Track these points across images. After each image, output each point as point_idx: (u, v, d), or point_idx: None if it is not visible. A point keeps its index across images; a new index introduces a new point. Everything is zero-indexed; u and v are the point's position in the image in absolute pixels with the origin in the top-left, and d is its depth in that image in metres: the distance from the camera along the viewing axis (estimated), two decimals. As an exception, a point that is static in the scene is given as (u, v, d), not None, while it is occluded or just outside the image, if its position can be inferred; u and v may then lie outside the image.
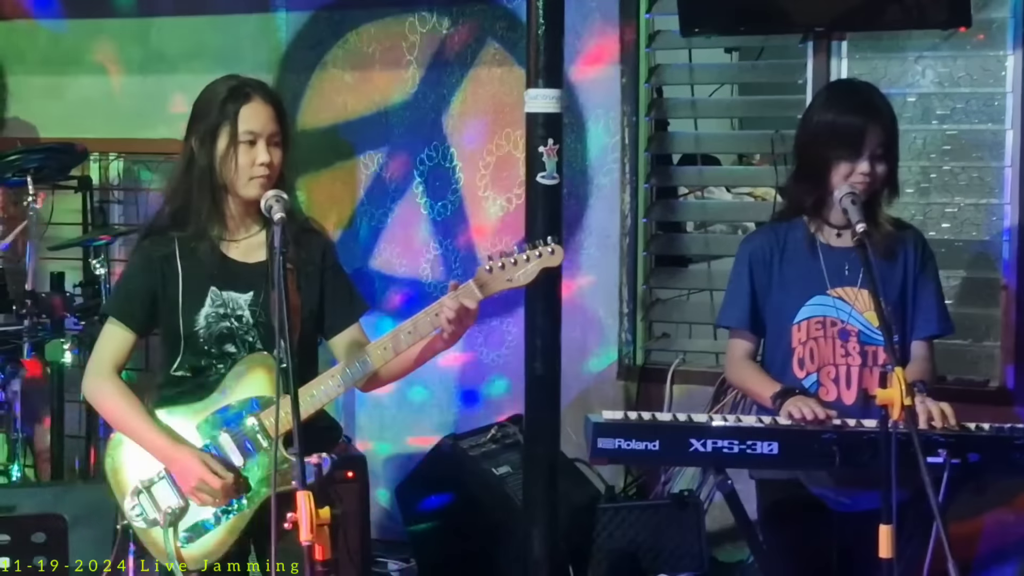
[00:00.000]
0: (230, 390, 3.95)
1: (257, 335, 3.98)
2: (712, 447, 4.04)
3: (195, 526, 3.94)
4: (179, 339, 3.97)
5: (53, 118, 7.28)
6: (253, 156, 3.90)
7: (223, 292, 3.97)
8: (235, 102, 3.92)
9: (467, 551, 5.70)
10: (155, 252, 3.99)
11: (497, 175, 6.45)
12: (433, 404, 6.62)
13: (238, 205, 3.98)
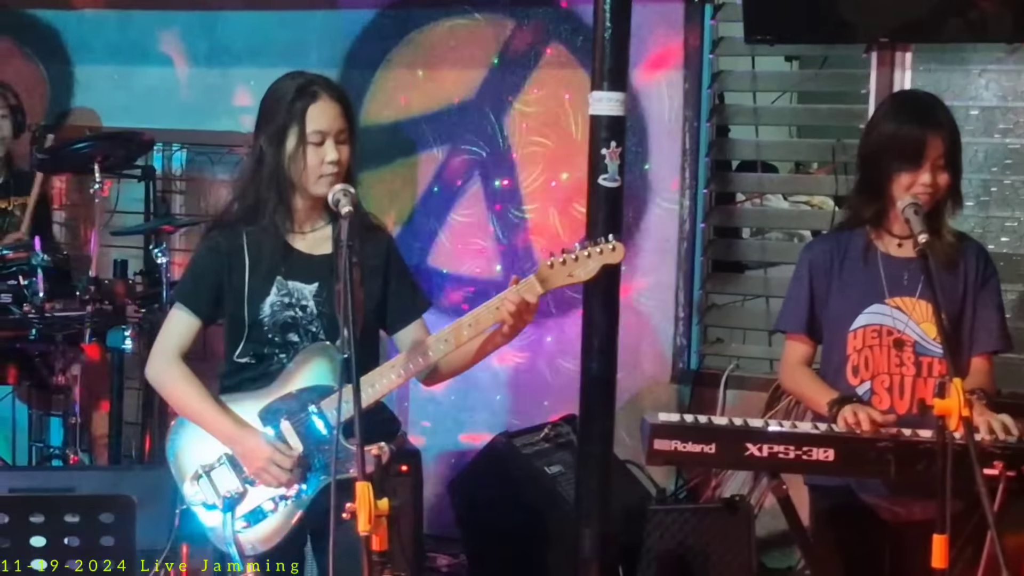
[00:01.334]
0: (292, 379, 4.00)
1: (320, 325, 4.02)
2: (768, 452, 4.05)
3: (253, 512, 3.99)
4: (243, 327, 4.03)
5: (118, 107, 7.34)
6: (322, 155, 3.95)
7: (288, 282, 4.03)
8: (302, 101, 3.96)
9: (517, 549, 5.72)
10: (222, 243, 4.05)
11: (557, 175, 6.47)
12: (485, 401, 6.65)
13: (306, 200, 4.03)
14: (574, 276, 3.92)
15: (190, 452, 4.05)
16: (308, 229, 4.08)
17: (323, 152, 3.95)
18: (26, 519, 3.10)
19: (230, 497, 3.98)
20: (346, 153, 3.99)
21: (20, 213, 6.53)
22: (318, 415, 3.97)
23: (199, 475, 4.02)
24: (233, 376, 4.08)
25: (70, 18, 7.46)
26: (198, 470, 4.02)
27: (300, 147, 3.94)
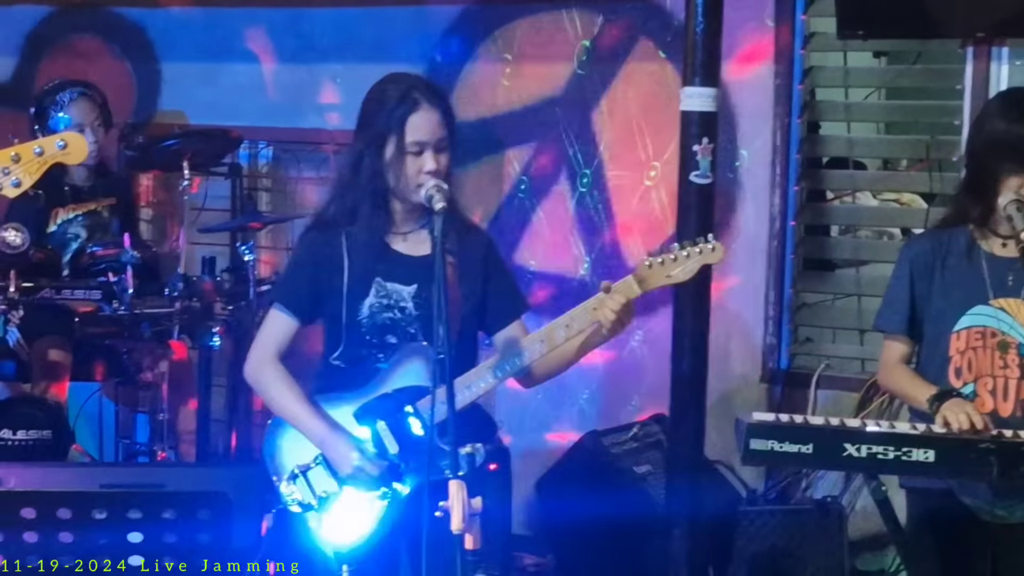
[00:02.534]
0: (388, 379, 3.99)
1: (419, 327, 4.01)
2: (867, 452, 4.00)
3: (349, 512, 3.98)
4: (341, 328, 4.01)
5: (204, 105, 7.35)
6: (420, 165, 3.92)
7: (387, 283, 4.01)
8: (402, 109, 3.93)
9: (606, 549, 5.68)
10: (321, 244, 4.05)
11: (645, 173, 6.42)
12: (572, 400, 6.60)
13: (404, 204, 4.01)
14: (672, 277, 3.88)
15: (286, 452, 4.06)
16: (407, 230, 4.06)
17: (421, 162, 3.92)
18: (124, 515, 3.09)
19: (326, 497, 3.98)
20: (444, 161, 3.96)
21: (108, 214, 6.55)
22: (414, 416, 3.95)
23: (295, 475, 4.01)
24: (330, 376, 4.08)
25: (157, 16, 7.49)
26: (294, 470, 4.01)
27: (398, 157, 3.92)
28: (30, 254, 5.71)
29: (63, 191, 6.36)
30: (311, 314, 4.08)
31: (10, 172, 3.78)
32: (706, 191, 5.11)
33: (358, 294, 4.01)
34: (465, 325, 4.03)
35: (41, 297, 5.83)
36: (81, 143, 3.87)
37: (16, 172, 3.79)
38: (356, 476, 3.93)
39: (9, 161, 3.77)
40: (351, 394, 4.02)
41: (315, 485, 4.01)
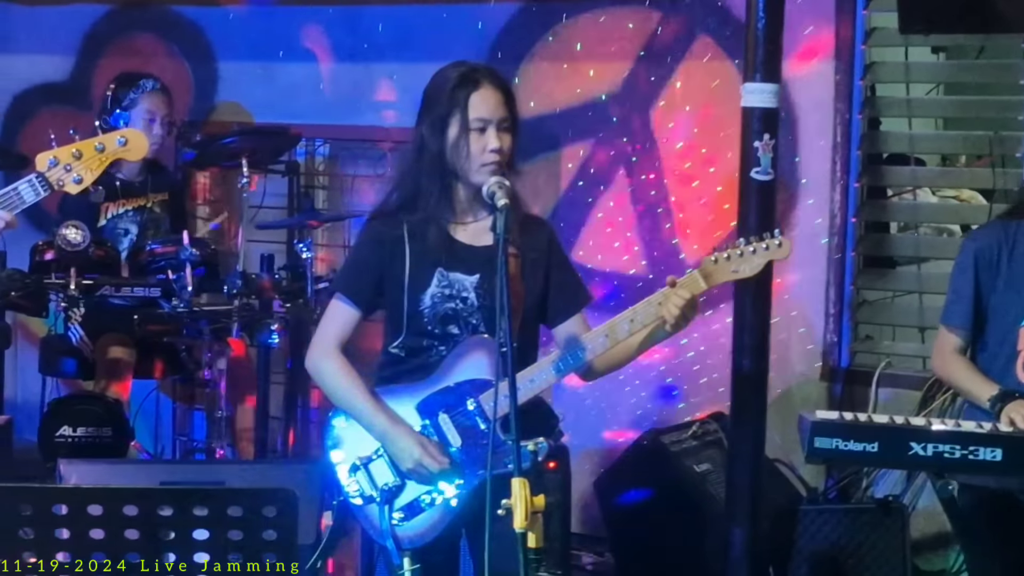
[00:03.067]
0: (450, 371, 3.98)
1: (480, 318, 3.99)
2: (933, 451, 3.98)
3: (411, 505, 3.97)
4: (403, 318, 4.00)
5: (261, 103, 7.36)
6: (484, 143, 3.92)
7: (450, 273, 4.00)
8: (465, 89, 3.94)
9: (665, 548, 5.65)
10: (383, 233, 4.03)
11: (704, 170, 6.39)
12: (630, 398, 6.57)
13: (467, 190, 3.99)
14: (739, 272, 3.87)
15: (348, 444, 4.05)
16: (470, 219, 4.05)
17: (485, 140, 3.92)
18: (190, 512, 3.09)
19: (387, 489, 3.97)
20: (508, 141, 3.96)
21: (160, 210, 6.58)
22: (477, 409, 3.94)
23: (357, 467, 4.01)
24: (391, 367, 4.07)
25: (214, 15, 7.51)
26: (356, 462, 4.01)
27: (462, 135, 3.91)
28: (90, 252, 5.73)
29: (114, 186, 6.39)
30: (372, 304, 4.08)
31: (72, 169, 3.85)
32: (767, 188, 5.08)
33: (420, 284, 4.00)
34: (527, 318, 4.02)
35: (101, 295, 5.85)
36: (142, 140, 3.97)
37: (78, 169, 3.86)
38: (417, 469, 3.92)
39: (71, 158, 3.85)
40: (413, 386, 4.01)
41: (376, 477, 4.00)
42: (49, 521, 3.05)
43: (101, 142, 3.91)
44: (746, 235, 3.95)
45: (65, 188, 3.88)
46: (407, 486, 3.97)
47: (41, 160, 3.88)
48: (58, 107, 7.64)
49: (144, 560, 3.12)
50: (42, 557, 3.10)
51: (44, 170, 3.86)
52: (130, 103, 6.36)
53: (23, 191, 3.88)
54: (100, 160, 3.90)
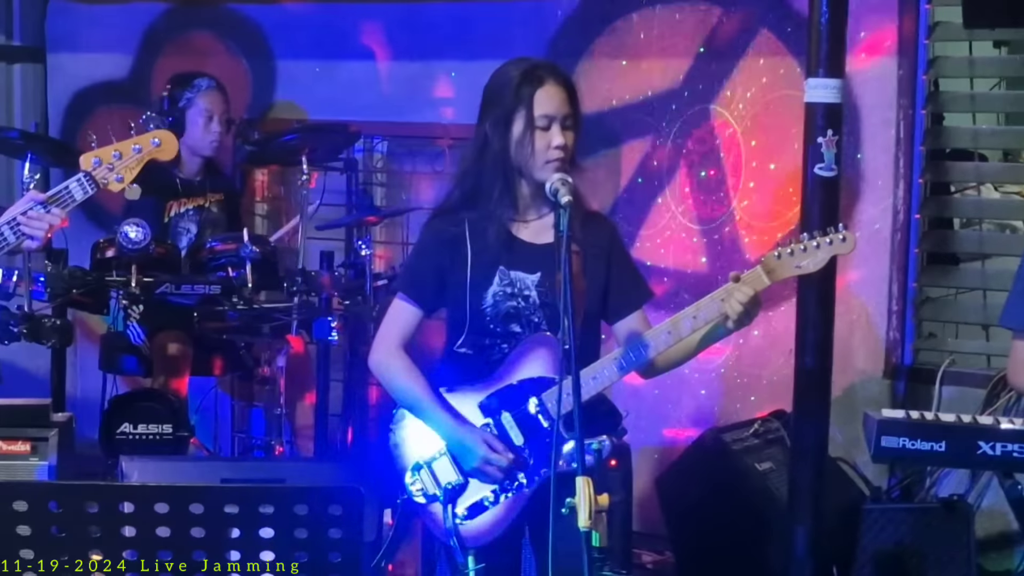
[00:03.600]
0: (513, 369, 3.97)
1: (543, 316, 3.98)
2: (1002, 450, 3.93)
3: (474, 504, 3.96)
4: (465, 317, 4.00)
5: (320, 101, 7.37)
6: (548, 139, 3.91)
7: (511, 272, 3.99)
8: (529, 86, 3.93)
9: (726, 547, 5.61)
10: (445, 232, 4.03)
11: (766, 166, 6.34)
12: (690, 396, 6.53)
13: (530, 187, 3.99)
14: (802, 268, 3.84)
15: (411, 443, 4.04)
16: (531, 217, 4.04)
17: (549, 137, 3.91)
18: (255, 510, 3.07)
19: (451, 488, 3.96)
20: (571, 138, 3.96)
21: (217, 210, 6.59)
22: (540, 407, 3.92)
23: (420, 466, 4.00)
24: (453, 366, 4.07)
25: (273, 12, 7.52)
26: (419, 461, 4.00)
27: (527, 132, 3.90)
28: (151, 249, 5.75)
29: (175, 185, 6.41)
30: (435, 303, 4.08)
31: (114, 168, 4.03)
32: (830, 184, 5.05)
33: (481, 283, 4.00)
34: (589, 316, 4.01)
35: (161, 292, 5.87)
36: (173, 141, 4.17)
37: (119, 168, 4.04)
38: (481, 467, 3.91)
39: (111, 158, 4.02)
40: (476, 384, 4.01)
41: (440, 476, 3.99)
42: (116, 519, 3.05)
43: (138, 143, 4.08)
44: (809, 232, 3.91)
45: (109, 187, 4.04)
46: (470, 485, 3.96)
47: (85, 160, 4.04)
48: (117, 105, 7.66)
49: (209, 557, 3.11)
50: (108, 555, 3.09)
51: (90, 169, 4.02)
52: (187, 103, 6.39)
53: (73, 190, 4.02)
54: (138, 160, 4.07)
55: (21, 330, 5.80)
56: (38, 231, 3.97)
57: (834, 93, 5.00)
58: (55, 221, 3.98)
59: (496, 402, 3.96)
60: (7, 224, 3.98)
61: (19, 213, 3.99)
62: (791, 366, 5.26)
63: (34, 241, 4.01)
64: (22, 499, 3.06)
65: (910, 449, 3.99)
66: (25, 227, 3.97)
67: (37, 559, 3.09)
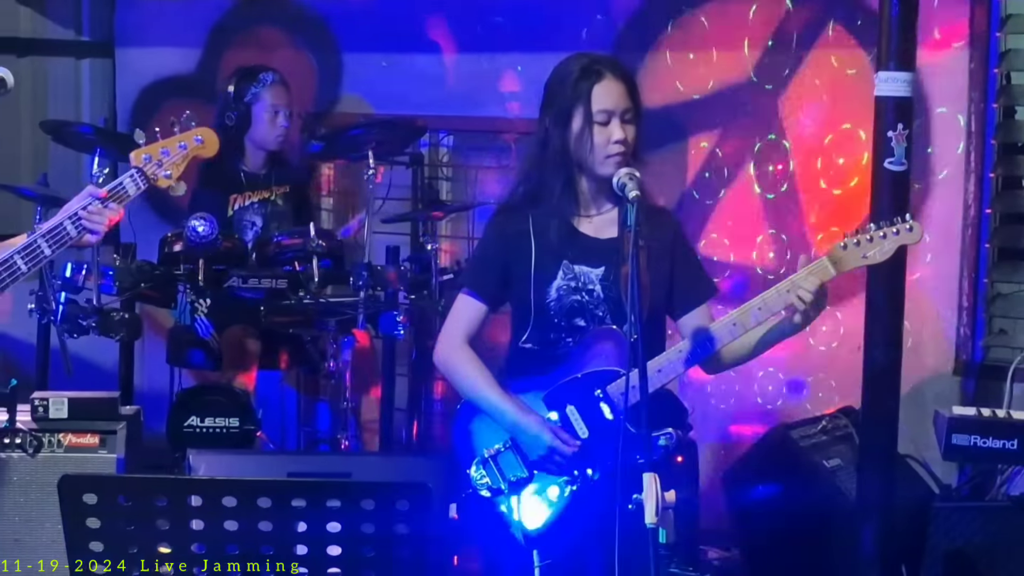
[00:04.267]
0: (578, 363, 3.96)
1: (607, 310, 3.98)
2: (1077, 449, 3.87)
3: (539, 498, 3.94)
4: (529, 311, 4.00)
5: (386, 94, 7.36)
6: (608, 134, 3.90)
7: (575, 266, 3.98)
8: (587, 81, 3.93)
9: (794, 544, 5.58)
10: (509, 227, 4.04)
11: (834, 160, 6.29)
12: (758, 392, 6.49)
13: (592, 183, 3.99)
14: (869, 258, 3.82)
15: (476, 437, 4.04)
16: (594, 212, 4.03)
17: (609, 131, 3.90)
18: (323, 504, 3.08)
19: (516, 482, 3.95)
20: (632, 132, 3.94)
21: (282, 203, 6.61)
22: (604, 400, 3.90)
23: (485, 460, 3.99)
24: (518, 361, 4.06)
25: (338, 6, 7.52)
26: (484, 455, 3.99)
27: (586, 127, 3.90)
28: (218, 243, 5.78)
29: (239, 179, 6.44)
30: (499, 298, 4.08)
31: (162, 164, 4.09)
32: (900, 178, 5.01)
33: (545, 277, 3.99)
34: (654, 310, 3.98)
35: (228, 286, 5.89)
36: (214, 139, 4.22)
37: (167, 165, 4.10)
38: (547, 461, 3.90)
39: (160, 155, 4.09)
40: (540, 379, 4.00)
41: (505, 470, 3.98)
42: (184, 512, 3.06)
43: (183, 140, 4.14)
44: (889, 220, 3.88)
45: (158, 183, 4.10)
46: (535, 478, 3.95)
47: (136, 156, 4.10)
48: (184, 100, 7.69)
49: (276, 551, 3.11)
50: (177, 548, 3.11)
51: (140, 165, 4.08)
52: (253, 97, 6.42)
53: (126, 185, 4.07)
54: (183, 156, 4.13)
55: (90, 324, 5.85)
56: (98, 225, 4.01)
57: (904, 87, 4.96)
58: (113, 216, 4.03)
59: (561, 395, 3.95)
60: (68, 219, 4.01)
61: (79, 208, 4.02)
62: (859, 362, 5.22)
63: (94, 236, 4.04)
64: (92, 492, 3.08)
65: (981, 447, 3.98)
66: (86, 221, 4.00)
67: (106, 551, 3.11)
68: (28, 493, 4.99)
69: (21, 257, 3.94)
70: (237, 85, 6.46)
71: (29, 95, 7.67)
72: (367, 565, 3.14)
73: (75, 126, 6.49)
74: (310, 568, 3.13)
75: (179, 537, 3.10)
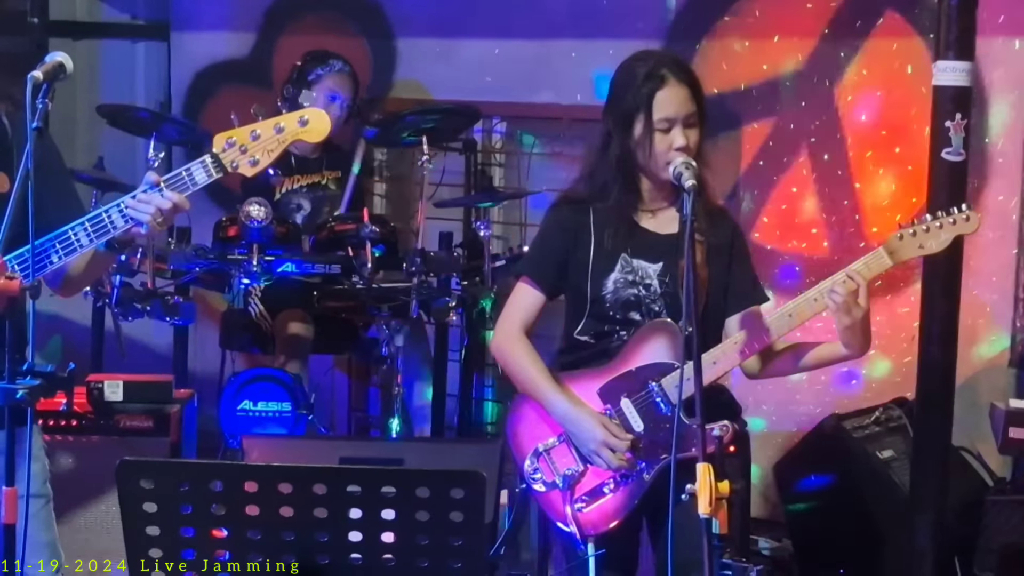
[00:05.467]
0: (632, 356, 3.95)
1: (663, 304, 3.97)
2: None
3: (593, 491, 3.95)
4: (585, 303, 3.99)
5: (439, 80, 7.35)
6: (669, 141, 3.89)
7: (633, 260, 3.98)
8: (649, 86, 3.90)
9: (846, 535, 5.56)
10: (570, 219, 4.04)
11: (890, 150, 6.24)
12: (809, 382, 6.45)
13: (654, 184, 3.99)
14: (925, 248, 3.80)
15: (530, 429, 4.04)
16: (655, 207, 4.02)
17: (671, 139, 3.88)
18: (377, 492, 3.08)
19: (569, 475, 3.94)
20: (694, 137, 3.92)
21: (335, 187, 6.62)
22: (658, 393, 3.89)
23: (539, 453, 3.99)
24: (573, 353, 4.06)
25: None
26: (538, 447, 3.99)
27: (647, 135, 3.88)
28: (272, 229, 5.79)
29: (289, 162, 6.44)
30: (556, 288, 4.08)
31: (248, 150, 3.66)
32: (958, 168, 4.99)
33: (603, 269, 3.99)
34: (710, 305, 3.98)
35: (282, 271, 5.91)
36: (324, 121, 3.73)
37: (254, 150, 3.66)
38: (600, 451, 3.89)
39: (248, 139, 3.66)
40: (595, 371, 3.99)
41: (558, 463, 3.98)
42: (240, 498, 3.07)
43: (282, 123, 3.68)
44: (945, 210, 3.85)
45: (240, 170, 3.66)
46: (589, 471, 3.94)
47: (219, 140, 3.66)
48: (238, 85, 7.71)
49: (331, 538, 3.12)
50: (232, 533, 3.12)
51: (220, 151, 3.64)
52: (315, 78, 6.42)
53: (195, 172, 3.64)
54: (279, 141, 3.67)
55: (144, 307, 5.87)
56: (143, 215, 3.56)
57: (963, 76, 4.93)
58: (164, 204, 3.56)
59: (615, 388, 3.94)
60: (115, 207, 3.60)
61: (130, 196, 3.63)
62: (914, 353, 5.20)
63: (142, 227, 3.58)
64: (149, 477, 3.09)
65: (1040, 441, 3.92)
66: (131, 210, 3.57)
67: (162, 536, 3.12)
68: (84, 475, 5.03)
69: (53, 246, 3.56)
70: (304, 64, 6.48)
71: (85, 79, 7.71)
72: (421, 552, 3.14)
73: (134, 110, 6.51)
74: (364, 555, 3.13)
75: (235, 522, 3.11)
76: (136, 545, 3.15)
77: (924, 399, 5.10)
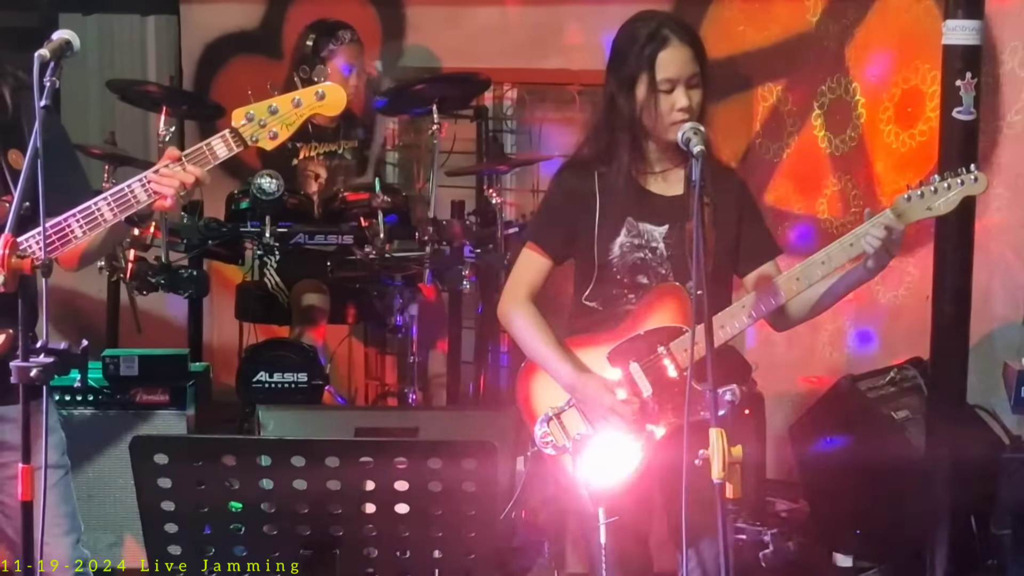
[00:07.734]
0: (641, 320, 3.93)
1: (670, 267, 3.95)
2: None
3: (604, 455, 3.93)
4: (592, 268, 3.98)
5: (449, 48, 7.34)
6: (672, 102, 3.87)
7: (639, 223, 3.96)
8: (652, 47, 3.88)
9: (861, 495, 5.57)
10: (575, 184, 4.02)
11: (901, 109, 6.22)
12: (825, 344, 6.46)
13: (658, 145, 3.96)
14: (933, 209, 3.79)
15: (540, 394, 4.03)
16: (661, 169, 4.00)
17: (673, 99, 3.87)
18: (390, 463, 3.10)
19: (580, 439, 3.94)
20: (697, 97, 3.90)
21: (350, 156, 6.62)
22: (668, 356, 3.89)
23: (549, 417, 3.99)
24: (581, 318, 4.05)
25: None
26: (548, 412, 3.99)
27: (651, 95, 3.86)
28: (284, 200, 5.79)
29: (306, 129, 6.43)
30: (564, 254, 4.06)
31: (266, 124, 3.68)
32: (969, 127, 4.97)
33: (609, 233, 3.97)
34: (718, 266, 3.95)
35: (295, 241, 5.92)
36: (340, 94, 3.74)
37: (273, 124, 3.68)
38: (608, 416, 3.89)
39: (267, 113, 3.68)
40: (603, 335, 3.97)
41: (569, 427, 3.97)
42: (254, 472, 3.09)
43: (299, 96, 3.71)
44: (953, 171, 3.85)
45: (259, 144, 3.70)
46: (600, 435, 3.94)
47: (237, 115, 3.69)
48: (249, 55, 7.70)
49: (345, 510, 3.14)
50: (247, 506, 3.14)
51: (239, 125, 3.68)
52: (329, 54, 6.43)
53: (216, 146, 3.67)
54: (297, 115, 3.70)
55: (159, 280, 5.88)
56: (167, 188, 3.61)
57: (973, 35, 4.91)
58: (187, 179, 3.62)
59: (623, 352, 3.92)
60: (138, 181, 3.65)
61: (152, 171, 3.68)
62: (928, 312, 5.19)
63: (165, 200, 3.63)
64: (163, 452, 3.11)
65: (1053, 399, 3.92)
66: (155, 184, 3.62)
67: (177, 510, 3.15)
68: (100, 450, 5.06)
69: (76, 221, 3.59)
70: (316, 40, 6.47)
71: (95, 53, 7.70)
72: (434, 523, 3.16)
73: (144, 84, 6.51)
74: (378, 526, 3.15)
75: (249, 496, 3.13)
76: (152, 520, 3.17)
77: (938, 358, 5.10)
